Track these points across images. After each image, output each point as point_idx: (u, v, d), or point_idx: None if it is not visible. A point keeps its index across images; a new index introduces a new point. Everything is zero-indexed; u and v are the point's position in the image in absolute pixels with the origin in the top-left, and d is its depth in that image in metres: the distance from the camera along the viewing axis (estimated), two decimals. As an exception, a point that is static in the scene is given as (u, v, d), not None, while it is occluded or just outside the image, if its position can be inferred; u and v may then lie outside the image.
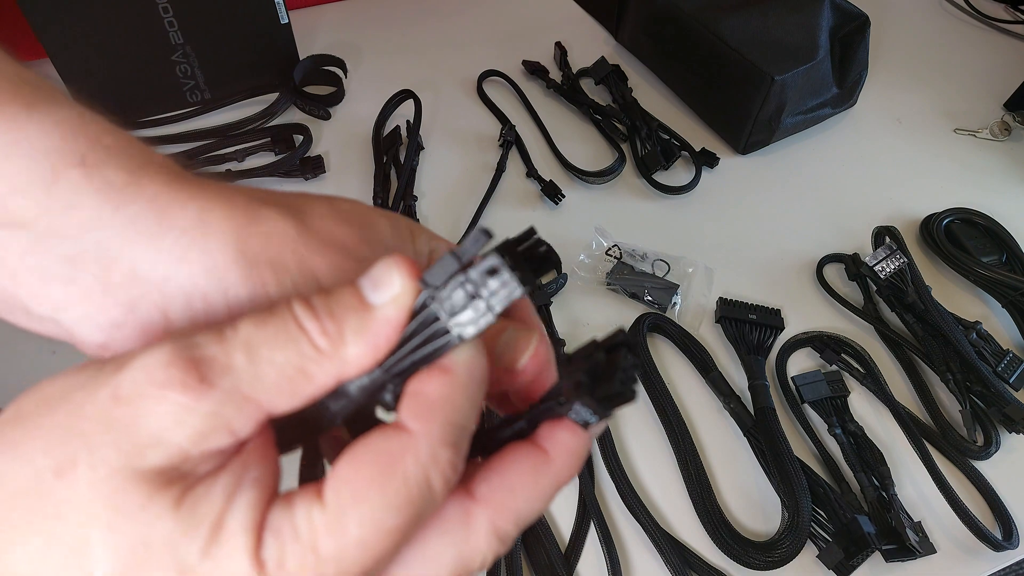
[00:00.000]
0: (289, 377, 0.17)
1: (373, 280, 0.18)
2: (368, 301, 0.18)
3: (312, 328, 0.17)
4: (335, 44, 0.76)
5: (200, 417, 0.16)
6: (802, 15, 0.67)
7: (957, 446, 0.51)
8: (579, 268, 0.58)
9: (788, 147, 0.71)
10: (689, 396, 0.52)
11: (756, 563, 0.44)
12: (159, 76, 0.65)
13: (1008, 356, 0.54)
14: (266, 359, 0.17)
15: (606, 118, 0.70)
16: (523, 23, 0.81)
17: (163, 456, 0.16)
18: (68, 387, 0.17)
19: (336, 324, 0.17)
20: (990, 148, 0.73)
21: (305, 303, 0.18)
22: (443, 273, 0.17)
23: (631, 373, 0.19)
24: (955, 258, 0.60)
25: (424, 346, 0.18)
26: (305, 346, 0.17)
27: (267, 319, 0.17)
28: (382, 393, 0.19)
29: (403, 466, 0.17)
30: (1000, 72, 0.81)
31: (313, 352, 0.17)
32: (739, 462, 0.50)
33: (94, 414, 0.16)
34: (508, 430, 0.21)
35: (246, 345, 0.17)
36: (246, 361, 0.17)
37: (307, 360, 0.17)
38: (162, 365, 0.16)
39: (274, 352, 0.17)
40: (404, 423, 0.17)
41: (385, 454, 0.17)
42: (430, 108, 0.70)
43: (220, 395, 0.16)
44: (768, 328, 0.55)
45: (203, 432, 0.16)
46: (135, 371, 0.16)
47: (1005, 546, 0.46)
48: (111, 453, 0.16)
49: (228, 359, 0.16)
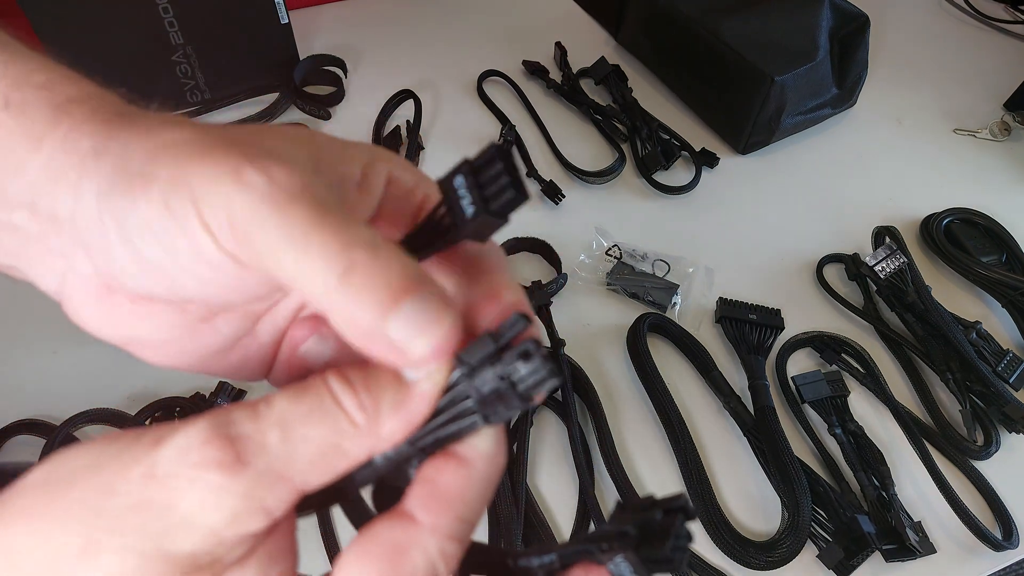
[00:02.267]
0: (324, 453, 0.16)
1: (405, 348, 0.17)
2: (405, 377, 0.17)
3: (349, 404, 0.17)
4: (335, 44, 0.76)
5: (235, 498, 0.15)
6: (802, 15, 0.67)
7: (957, 446, 0.51)
8: (579, 268, 0.58)
9: (788, 147, 0.71)
10: (689, 396, 0.52)
11: (756, 563, 0.44)
12: (159, 76, 0.65)
13: (1008, 356, 0.54)
14: (301, 436, 0.16)
15: (606, 118, 0.70)
16: (523, 23, 0.81)
17: (195, 540, 0.15)
18: (101, 458, 0.16)
19: (373, 399, 0.17)
20: (990, 148, 0.73)
21: (342, 378, 0.17)
22: (479, 353, 0.17)
23: (684, 543, 0.18)
24: (955, 258, 0.60)
25: (450, 424, 0.18)
26: (342, 422, 0.17)
27: (302, 394, 0.17)
28: (406, 466, 0.19)
29: (411, 561, 0.16)
30: (1000, 72, 0.81)
31: (350, 428, 0.17)
32: (739, 462, 0.50)
33: (126, 492, 0.15)
34: (536, 561, 0.20)
35: (281, 422, 0.16)
36: (281, 439, 0.16)
37: (343, 436, 0.17)
38: (198, 444, 0.15)
39: (309, 429, 0.16)
40: (413, 513, 0.17)
41: (392, 546, 0.16)
42: (430, 108, 0.70)
43: (255, 475, 0.16)
44: (768, 328, 0.55)
45: (238, 514, 0.15)
46: (171, 449, 0.16)
47: (1005, 546, 0.46)
48: (140, 538, 0.15)
49: (263, 437, 0.16)
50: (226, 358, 0.22)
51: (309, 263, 0.16)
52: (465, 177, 0.18)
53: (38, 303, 0.54)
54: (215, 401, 0.47)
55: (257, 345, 0.22)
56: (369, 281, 0.16)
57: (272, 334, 0.22)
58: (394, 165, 0.20)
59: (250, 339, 0.22)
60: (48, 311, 0.58)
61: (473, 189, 0.18)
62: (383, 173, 0.20)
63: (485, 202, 0.18)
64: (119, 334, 0.20)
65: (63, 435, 0.42)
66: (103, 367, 0.50)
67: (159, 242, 0.17)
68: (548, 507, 0.46)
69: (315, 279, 0.16)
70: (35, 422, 0.46)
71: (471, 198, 0.18)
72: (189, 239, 0.17)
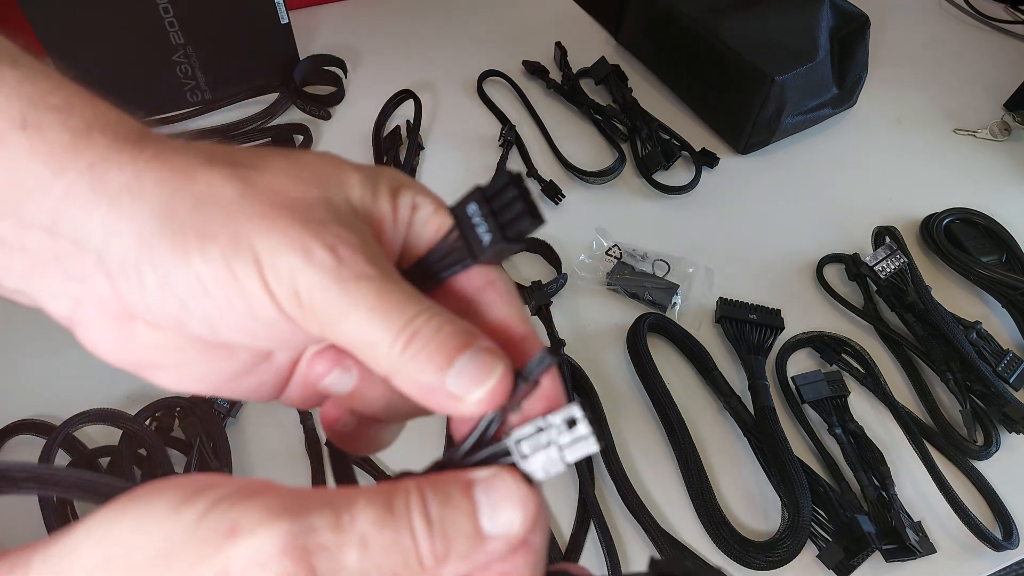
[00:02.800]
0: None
1: (492, 504, 0.17)
2: (482, 528, 0.17)
3: (424, 547, 0.17)
4: (335, 44, 0.76)
5: None
6: (802, 16, 0.67)
7: (957, 446, 0.51)
8: (579, 268, 0.58)
9: (788, 147, 0.71)
10: (689, 396, 0.52)
11: (756, 563, 0.44)
12: (159, 76, 0.65)
13: (1008, 356, 0.54)
14: (374, 563, 0.16)
15: (606, 118, 0.70)
16: (523, 23, 0.81)
17: None
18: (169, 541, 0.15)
19: (446, 546, 0.17)
20: (990, 148, 0.73)
21: (426, 518, 0.17)
22: (514, 398, 0.18)
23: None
24: (955, 258, 0.60)
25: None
26: (412, 559, 0.17)
27: (387, 521, 0.17)
28: None
29: None
30: (1000, 72, 0.81)
31: (417, 567, 0.17)
32: (739, 462, 0.50)
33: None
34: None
35: (362, 543, 0.16)
36: (358, 560, 0.16)
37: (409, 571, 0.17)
38: (276, 553, 0.15)
39: (384, 557, 0.16)
40: None
41: None
42: (430, 108, 0.70)
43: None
44: (768, 328, 0.55)
45: None
46: (245, 550, 0.15)
47: (1005, 546, 0.46)
48: None
49: (343, 556, 0.16)
50: (242, 383, 0.22)
51: (373, 336, 0.18)
52: (479, 205, 0.19)
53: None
54: (215, 401, 0.47)
55: (274, 370, 0.22)
56: (428, 346, 0.18)
57: (289, 359, 0.22)
58: (416, 191, 0.21)
59: (267, 365, 0.22)
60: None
61: (488, 217, 0.19)
62: (409, 204, 0.21)
63: (502, 229, 0.18)
64: (135, 359, 0.20)
65: (63, 435, 0.42)
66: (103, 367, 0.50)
67: (210, 297, 0.18)
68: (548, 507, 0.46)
69: (379, 349, 0.18)
70: (35, 422, 0.46)
71: (487, 226, 0.19)
72: (247, 300, 0.18)
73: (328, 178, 0.20)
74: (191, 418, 0.46)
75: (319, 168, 0.20)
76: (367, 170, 0.21)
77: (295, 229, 0.18)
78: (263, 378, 0.22)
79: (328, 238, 0.18)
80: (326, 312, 0.18)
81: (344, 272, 0.18)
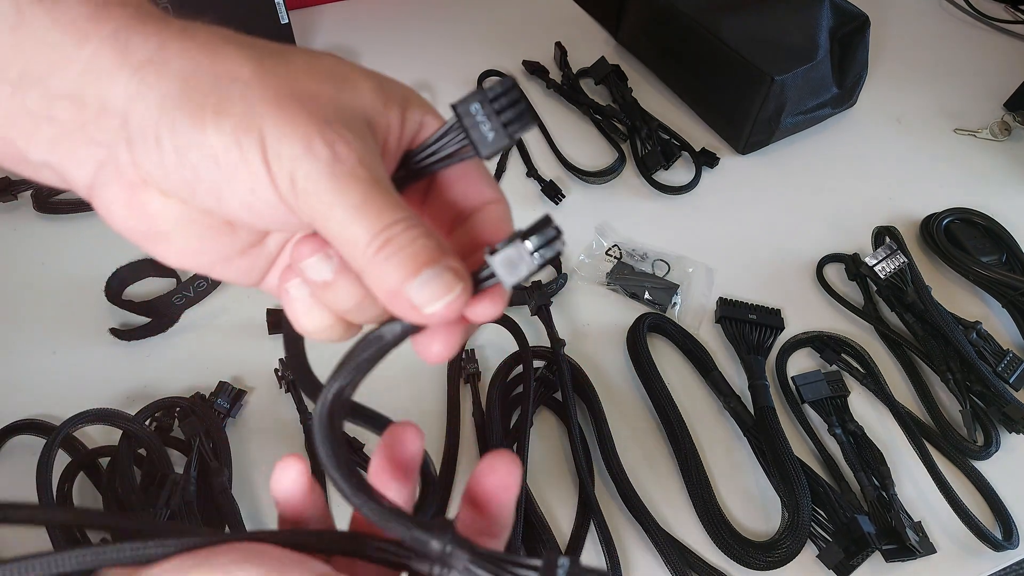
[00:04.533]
0: None
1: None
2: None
3: None
4: (335, 44, 0.76)
5: None
6: (802, 15, 0.67)
7: (957, 446, 0.51)
8: (579, 268, 0.58)
9: (788, 147, 0.71)
10: (689, 396, 0.52)
11: (756, 563, 0.44)
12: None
13: (1008, 356, 0.54)
14: None
15: (606, 118, 0.70)
16: (523, 23, 0.81)
17: None
18: None
19: None
20: (990, 148, 0.73)
21: None
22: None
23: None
24: (955, 258, 0.60)
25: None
26: None
27: None
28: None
29: None
30: (1000, 72, 0.81)
31: None
32: (739, 462, 0.50)
33: None
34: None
35: None
36: None
37: None
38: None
39: None
40: None
41: None
42: (430, 108, 0.70)
43: None
44: (768, 328, 0.55)
45: None
46: None
47: (1005, 546, 0.46)
48: None
49: None
50: (234, 263, 0.23)
51: (353, 233, 0.19)
52: (482, 105, 0.20)
53: (38, 303, 0.54)
54: (215, 401, 0.47)
55: (264, 255, 0.23)
56: (399, 253, 0.19)
57: (279, 245, 0.24)
58: (425, 110, 0.23)
59: (259, 248, 0.23)
60: (48, 311, 0.58)
61: (492, 116, 0.20)
62: (417, 120, 0.22)
63: (505, 127, 0.21)
64: (143, 228, 0.21)
65: (63, 435, 0.42)
66: (103, 367, 0.50)
67: (219, 168, 0.19)
68: (548, 507, 0.46)
69: (356, 246, 0.19)
70: (35, 422, 0.46)
71: (491, 124, 0.21)
72: (251, 176, 0.19)
73: (344, 79, 0.21)
74: (191, 418, 0.45)
75: (337, 69, 0.21)
76: (383, 80, 0.22)
77: (302, 119, 0.19)
78: (254, 262, 0.23)
79: (330, 135, 0.19)
80: (316, 202, 0.19)
81: (338, 169, 0.19)
